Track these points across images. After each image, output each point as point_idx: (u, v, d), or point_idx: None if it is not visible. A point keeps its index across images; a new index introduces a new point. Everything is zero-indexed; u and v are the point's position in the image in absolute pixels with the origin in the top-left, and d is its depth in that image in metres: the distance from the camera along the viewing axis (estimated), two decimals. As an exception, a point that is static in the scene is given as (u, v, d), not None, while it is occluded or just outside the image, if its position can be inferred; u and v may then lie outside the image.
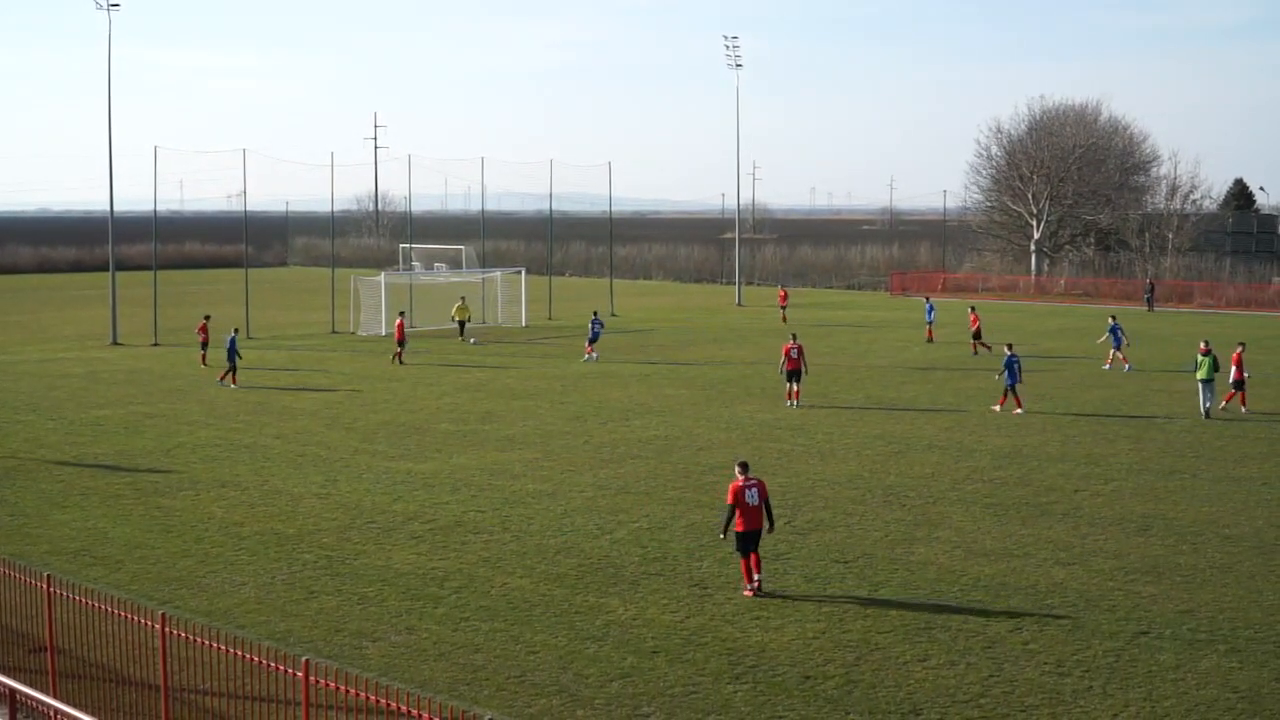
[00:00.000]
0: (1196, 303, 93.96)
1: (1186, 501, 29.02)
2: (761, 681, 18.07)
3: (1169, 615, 20.92)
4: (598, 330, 56.86)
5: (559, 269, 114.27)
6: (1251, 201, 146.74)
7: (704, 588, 22.44)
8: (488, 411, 41.43)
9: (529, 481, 31.03)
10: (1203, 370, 41.66)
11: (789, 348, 43.04)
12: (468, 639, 19.88)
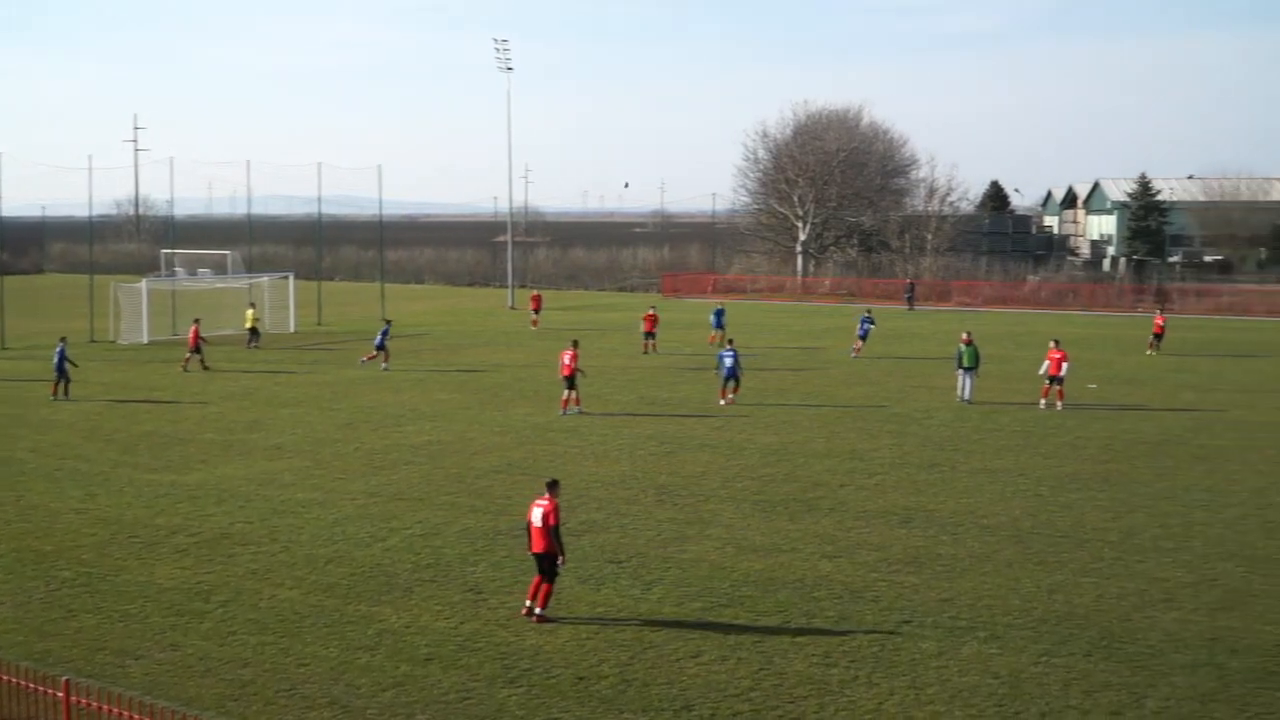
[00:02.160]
0: (955, 301, 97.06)
1: (946, 493, 29.96)
2: (536, 685, 18.05)
3: (930, 604, 21.56)
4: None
5: (328, 273, 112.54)
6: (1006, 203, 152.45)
7: (478, 593, 22.33)
8: (255, 420, 40.55)
9: (298, 490, 30.46)
10: (965, 359, 44.29)
11: (568, 354, 42.74)
12: (235, 653, 19.41)
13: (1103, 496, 29.66)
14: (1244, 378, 51.75)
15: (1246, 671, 18.45)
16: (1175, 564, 24.06)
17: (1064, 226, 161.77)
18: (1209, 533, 26.37)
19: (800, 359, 58.34)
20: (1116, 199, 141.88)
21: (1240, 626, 20.44)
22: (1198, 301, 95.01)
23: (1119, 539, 25.88)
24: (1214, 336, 71.59)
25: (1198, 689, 17.80)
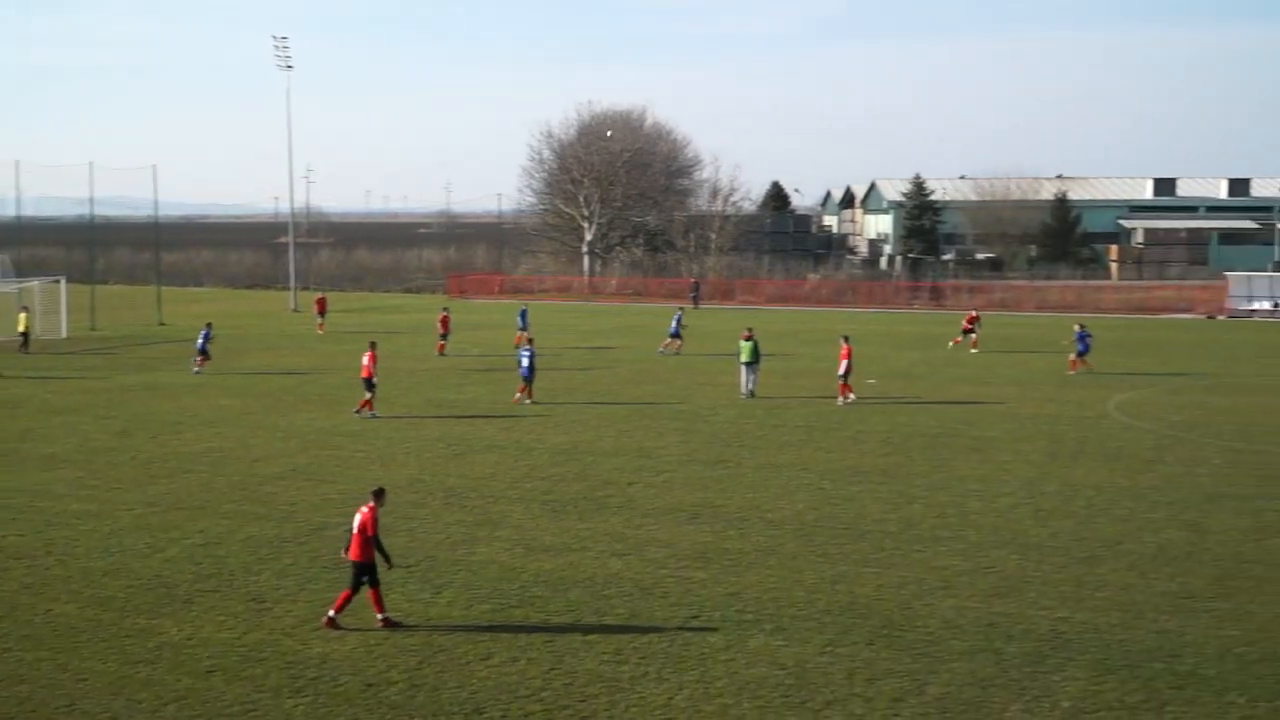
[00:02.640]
0: (738, 299, 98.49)
1: (732, 489, 30.37)
2: (323, 693, 17.75)
3: (718, 598, 21.82)
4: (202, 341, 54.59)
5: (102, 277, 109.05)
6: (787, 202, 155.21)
7: (261, 602, 21.87)
8: (26, 429, 39.07)
9: (73, 501, 29.43)
10: (744, 354, 45.14)
11: (368, 355, 42.08)
12: (11, 670, 18.67)
13: (882, 489, 30.40)
14: (1014, 371, 53.56)
15: (1022, 656, 19.08)
16: (952, 553, 24.78)
17: (843, 226, 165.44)
18: (984, 521, 27.22)
19: (588, 358, 58.57)
20: (892, 199, 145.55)
21: (1015, 612, 21.13)
22: (971, 298, 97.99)
23: (898, 529, 26.55)
24: (986, 332, 73.88)
25: (976, 674, 18.34)
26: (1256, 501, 28.95)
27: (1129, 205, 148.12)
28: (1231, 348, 64.75)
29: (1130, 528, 26.65)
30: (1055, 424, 39.53)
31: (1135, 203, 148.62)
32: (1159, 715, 16.89)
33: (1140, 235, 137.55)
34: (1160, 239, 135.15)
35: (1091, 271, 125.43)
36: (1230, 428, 38.85)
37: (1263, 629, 20.23)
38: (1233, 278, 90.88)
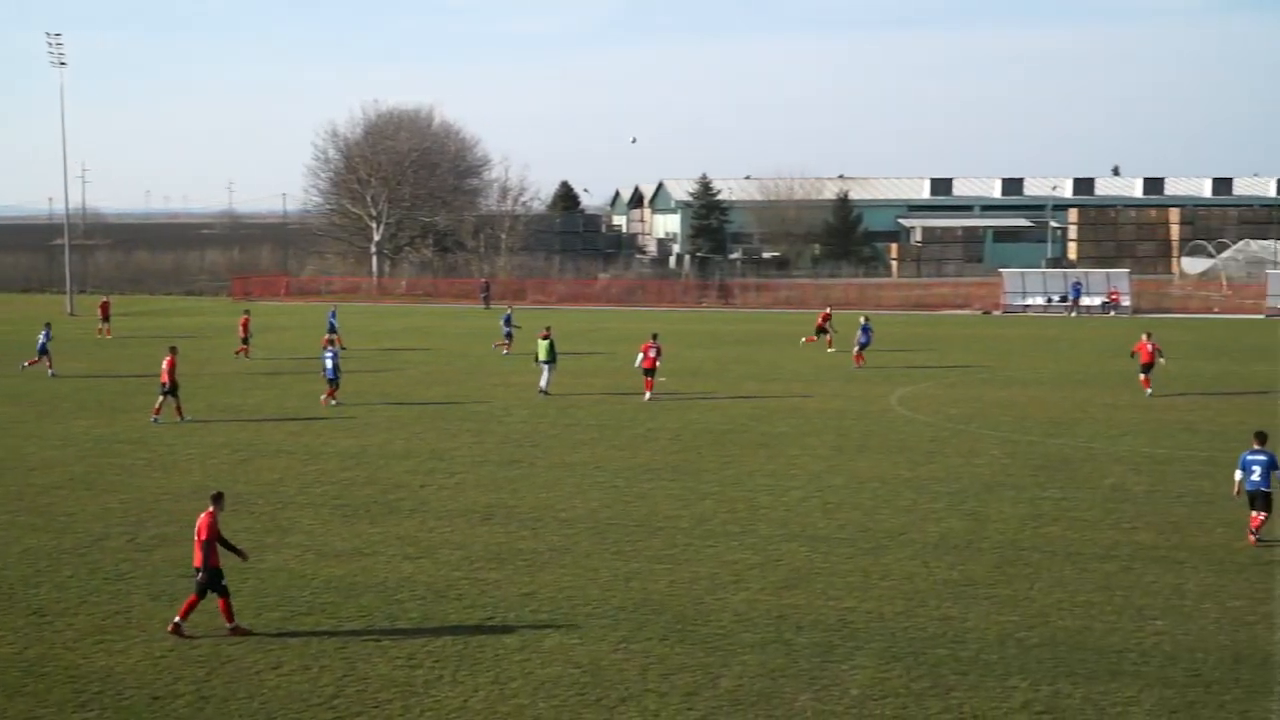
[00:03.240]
0: (529, 299, 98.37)
1: (526, 489, 30.34)
2: (109, 707, 17.23)
3: (512, 599, 21.78)
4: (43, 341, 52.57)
5: None
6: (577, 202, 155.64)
7: (42, 615, 21.12)
8: None
9: None
10: (542, 353, 45.57)
11: (167, 360, 40.81)
12: None
13: (674, 485, 30.69)
14: (800, 367, 54.57)
15: (812, 646, 19.44)
16: (743, 547, 25.14)
17: (632, 225, 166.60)
18: (773, 515, 27.68)
19: (379, 360, 57.90)
20: (680, 198, 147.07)
21: (804, 603, 21.53)
22: (757, 296, 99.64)
23: (690, 525, 26.84)
24: (772, 329, 75.20)
25: (767, 665, 18.64)
26: (1032, 491, 29.99)
27: (908, 205, 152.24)
28: (1006, 342, 66.96)
29: (913, 518, 27.38)
30: (841, 419, 40.39)
31: (913, 202, 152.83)
32: (944, 701, 17.37)
33: (919, 234, 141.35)
34: (938, 237, 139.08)
35: (873, 269, 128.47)
36: (1007, 419, 40.17)
37: (1041, 614, 20.96)
38: (1007, 274, 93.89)
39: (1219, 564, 23.77)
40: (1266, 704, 17.12)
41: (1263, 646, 19.31)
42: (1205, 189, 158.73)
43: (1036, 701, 17.31)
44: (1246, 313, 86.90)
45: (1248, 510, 25.50)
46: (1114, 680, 18.00)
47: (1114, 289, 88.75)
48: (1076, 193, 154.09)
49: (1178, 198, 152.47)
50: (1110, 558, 24.22)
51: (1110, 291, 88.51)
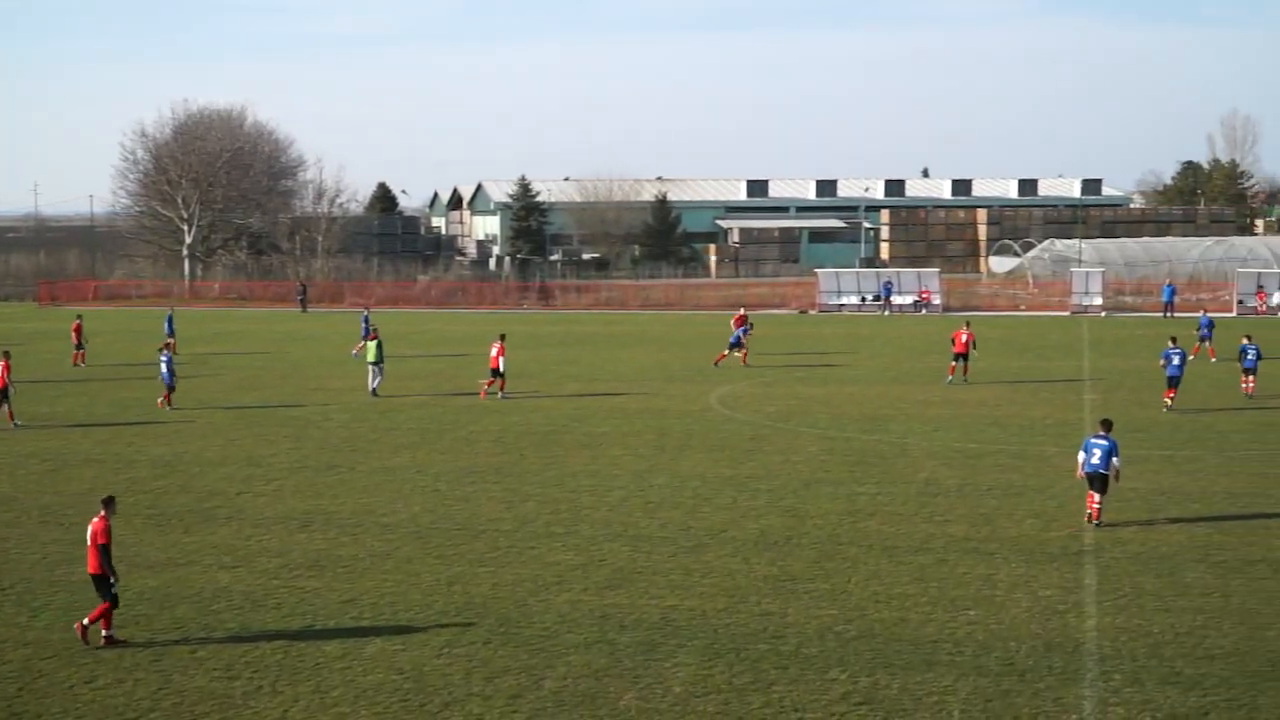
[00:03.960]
0: (348, 302, 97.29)
1: (346, 494, 29.96)
2: (-93, 730, 16.58)
3: (333, 606, 21.48)
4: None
5: None
6: (395, 204, 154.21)
7: None
8: None
9: None
10: (370, 354, 45.83)
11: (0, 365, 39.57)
12: None
13: (497, 488, 30.58)
14: (622, 368, 54.83)
15: (635, 645, 19.53)
16: (566, 547, 25.15)
17: (451, 227, 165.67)
18: (595, 516, 27.74)
19: (193, 365, 56.59)
20: (499, 200, 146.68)
21: (627, 603, 21.62)
22: (578, 297, 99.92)
23: (513, 527, 26.77)
24: (594, 330, 75.45)
25: (591, 665, 18.67)
26: (849, 486, 30.52)
27: (725, 206, 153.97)
28: (822, 341, 68.10)
29: (734, 515, 27.67)
30: (662, 418, 40.65)
31: (731, 203, 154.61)
32: (766, 695, 17.58)
33: (736, 235, 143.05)
34: (755, 238, 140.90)
35: (692, 270, 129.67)
36: (824, 417, 40.83)
37: (859, 607, 21.34)
38: (822, 274, 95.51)
39: (1029, 555, 24.45)
40: (1078, 690, 17.66)
41: (1073, 634, 19.91)
42: (1011, 190, 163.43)
43: (855, 693, 17.62)
44: (1052, 310, 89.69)
45: (1086, 490, 26.68)
46: (930, 670, 18.40)
47: (925, 288, 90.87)
48: (888, 194, 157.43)
49: (985, 199, 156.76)
50: (924, 550, 24.77)
51: (921, 290, 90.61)
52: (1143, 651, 19.09)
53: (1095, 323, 79.94)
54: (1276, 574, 23.01)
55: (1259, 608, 21.12)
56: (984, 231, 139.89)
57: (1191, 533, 25.92)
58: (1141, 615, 20.79)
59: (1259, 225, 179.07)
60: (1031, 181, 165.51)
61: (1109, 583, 22.57)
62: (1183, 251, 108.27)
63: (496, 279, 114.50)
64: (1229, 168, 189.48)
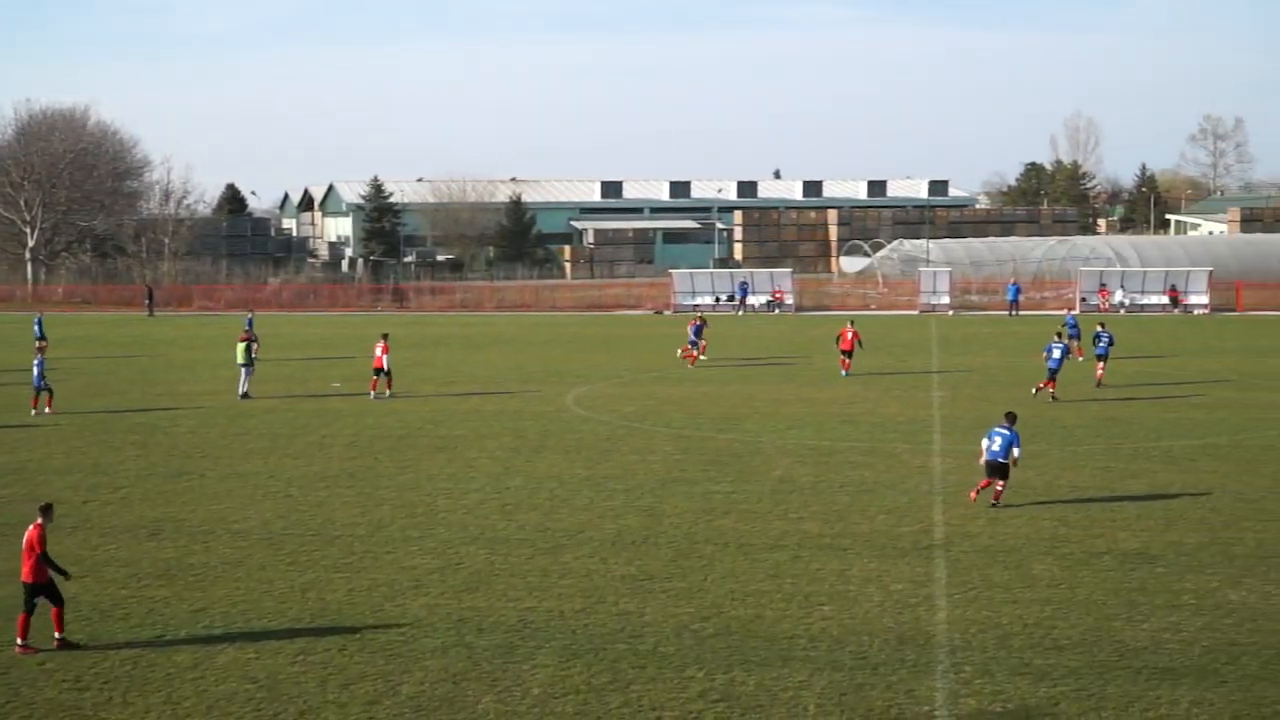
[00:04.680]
0: (196, 305, 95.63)
1: (196, 501, 29.43)
2: None
3: (183, 616, 21.09)
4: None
5: None
6: (244, 205, 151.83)
7: None
8: None
9: None
10: (240, 356, 45.47)
11: None
12: None
13: (350, 492, 30.28)
14: (478, 370, 54.61)
15: (493, 648, 19.46)
16: (423, 551, 24.98)
17: (302, 229, 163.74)
18: (453, 519, 27.60)
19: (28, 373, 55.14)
20: (351, 201, 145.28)
21: (485, 606, 21.54)
22: (433, 299, 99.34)
23: (368, 532, 26.52)
24: (449, 332, 75.06)
25: (449, 670, 18.57)
26: (705, 485, 30.74)
27: (580, 207, 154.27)
28: (678, 341, 68.39)
29: (591, 516, 27.71)
30: (519, 420, 40.57)
31: (585, 204, 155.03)
32: (624, 694, 17.64)
33: (591, 235, 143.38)
34: (609, 239, 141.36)
35: (547, 271, 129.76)
36: (679, 416, 41.07)
37: (715, 605, 21.50)
38: (677, 275, 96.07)
39: (881, 550, 24.84)
40: (930, 682, 17.98)
41: (924, 628, 20.27)
42: (861, 191, 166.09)
43: (713, 690, 17.75)
44: (901, 309, 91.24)
45: (984, 477, 28.06)
46: (785, 666, 18.61)
47: (778, 288, 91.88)
48: (740, 195, 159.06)
49: (835, 199, 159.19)
50: (779, 547, 25.04)
51: (774, 290, 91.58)
52: (992, 643, 19.51)
53: (943, 321, 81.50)
54: (1121, 565, 23.65)
55: (1105, 598, 21.70)
56: (835, 232, 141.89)
57: (1038, 526, 26.55)
58: (991, 607, 21.24)
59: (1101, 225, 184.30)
60: (880, 183, 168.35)
61: (959, 576, 23.03)
62: (1027, 251, 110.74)
63: (349, 281, 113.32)
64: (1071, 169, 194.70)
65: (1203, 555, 24.25)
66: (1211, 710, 16.90)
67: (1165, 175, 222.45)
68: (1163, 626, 20.21)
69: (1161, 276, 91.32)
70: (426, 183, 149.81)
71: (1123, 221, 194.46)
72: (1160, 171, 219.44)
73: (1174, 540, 25.32)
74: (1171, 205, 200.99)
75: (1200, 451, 34.57)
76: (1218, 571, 23.20)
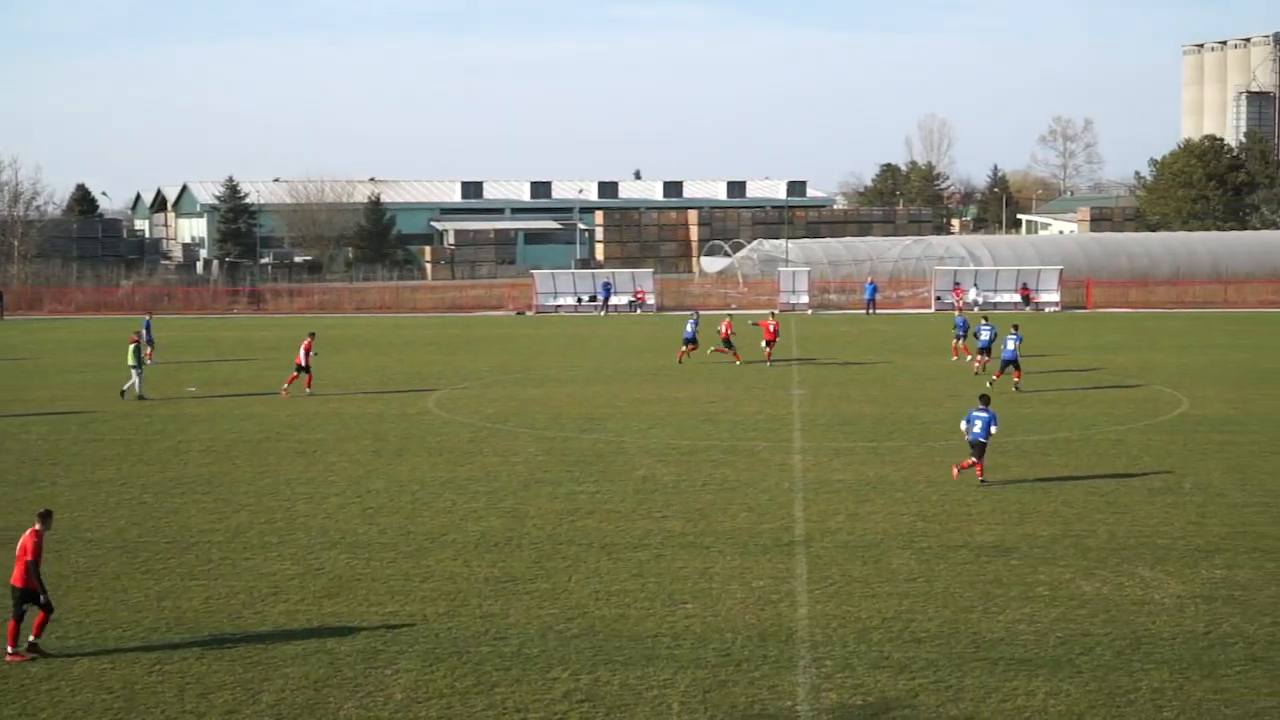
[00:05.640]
0: (47, 309, 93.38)
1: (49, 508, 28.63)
2: None
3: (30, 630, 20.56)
4: None
5: None
6: (95, 206, 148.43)
7: None
8: None
9: None
10: (130, 357, 45.06)
11: None
12: None
13: (207, 498, 29.77)
14: (337, 373, 53.99)
15: (356, 653, 19.27)
16: (282, 557, 24.66)
17: (156, 230, 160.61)
18: (312, 524, 27.27)
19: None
20: (206, 202, 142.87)
21: (347, 610, 21.32)
22: (291, 301, 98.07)
23: (225, 539, 26.10)
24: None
25: (310, 676, 18.34)
26: (568, 485, 30.74)
27: (440, 208, 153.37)
28: (540, 342, 68.42)
29: (454, 518, 27.57)
30: (379, 423, 40.21)
31: (445, 205, 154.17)
32: (489, 697, 17.57)
33: (451, 236, 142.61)
34: (470, 239, 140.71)
35: (407, 272, 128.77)
36: (542, 417, 41.02)
37: (579, 605, 21.52)
38: (538, 275, 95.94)
39: (743, 547, 25.05)
40: (792, 678, 18.16)
41: (786, 623, 20.48)
42: (721, 192, 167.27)
43: (577, 691, 17.76)
44: (761, 308, 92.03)
45: (969, 455, 30.24)
46: (650, 665, 18.68)
47: (640, 288, 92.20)
48: (602, 195, 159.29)
49: (696, 200, 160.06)
50: (643, 546, 25.13)
51: (636, 291, 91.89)
52: (852, 637, 19.77)
53: (802, 320, 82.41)
54: (977, 558, 24.11)
55: (961, 591, 22.10)
56: (695, 232, 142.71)
57: (896, 521, 26.97)
58: (851, 602, 21.53)
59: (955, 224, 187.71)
60: (740, 183, 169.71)
61: (819, 571, 23.31)
62: (883, 250, 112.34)
63: (205, 283, 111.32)
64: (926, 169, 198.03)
65: (1056, 547, 24.82)
66: (1067, 700, 17.30)
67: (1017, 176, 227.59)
68: (1018, 618, 20.65)
69: (1014, 275, 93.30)
70: (283, 183, 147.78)
71: (976, 221, 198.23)
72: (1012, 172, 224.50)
73: (1028, 533, 25.89)
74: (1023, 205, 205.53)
75: (1052, 446, 35.37)
76: (1071, 563, 23.75)
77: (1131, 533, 25.87)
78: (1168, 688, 17.67)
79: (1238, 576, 22.86)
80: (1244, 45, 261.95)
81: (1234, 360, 56.24)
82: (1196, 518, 27.06)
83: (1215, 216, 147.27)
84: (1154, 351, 60.21)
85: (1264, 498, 28.87)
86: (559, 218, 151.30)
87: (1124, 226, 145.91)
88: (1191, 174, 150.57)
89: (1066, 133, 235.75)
